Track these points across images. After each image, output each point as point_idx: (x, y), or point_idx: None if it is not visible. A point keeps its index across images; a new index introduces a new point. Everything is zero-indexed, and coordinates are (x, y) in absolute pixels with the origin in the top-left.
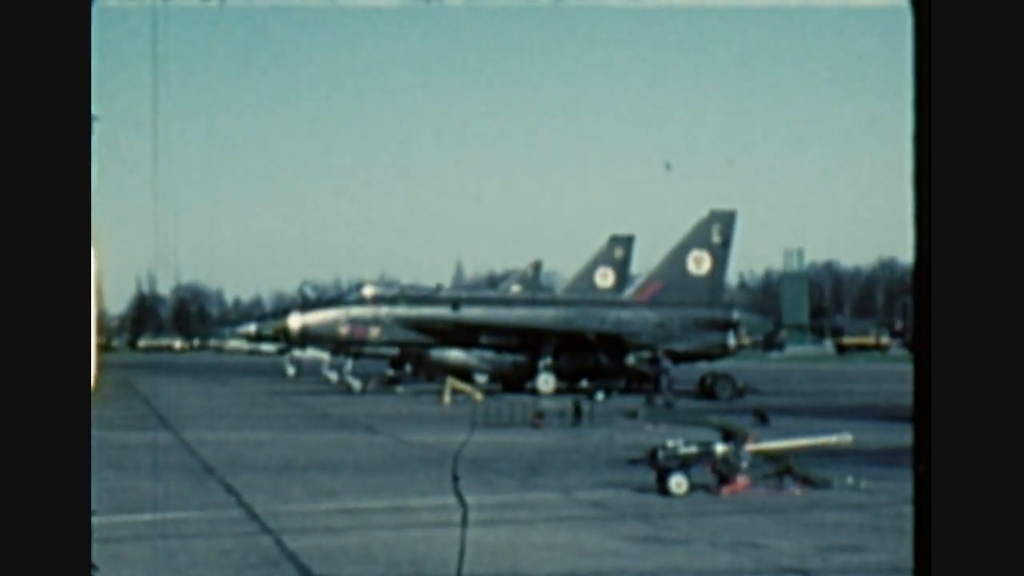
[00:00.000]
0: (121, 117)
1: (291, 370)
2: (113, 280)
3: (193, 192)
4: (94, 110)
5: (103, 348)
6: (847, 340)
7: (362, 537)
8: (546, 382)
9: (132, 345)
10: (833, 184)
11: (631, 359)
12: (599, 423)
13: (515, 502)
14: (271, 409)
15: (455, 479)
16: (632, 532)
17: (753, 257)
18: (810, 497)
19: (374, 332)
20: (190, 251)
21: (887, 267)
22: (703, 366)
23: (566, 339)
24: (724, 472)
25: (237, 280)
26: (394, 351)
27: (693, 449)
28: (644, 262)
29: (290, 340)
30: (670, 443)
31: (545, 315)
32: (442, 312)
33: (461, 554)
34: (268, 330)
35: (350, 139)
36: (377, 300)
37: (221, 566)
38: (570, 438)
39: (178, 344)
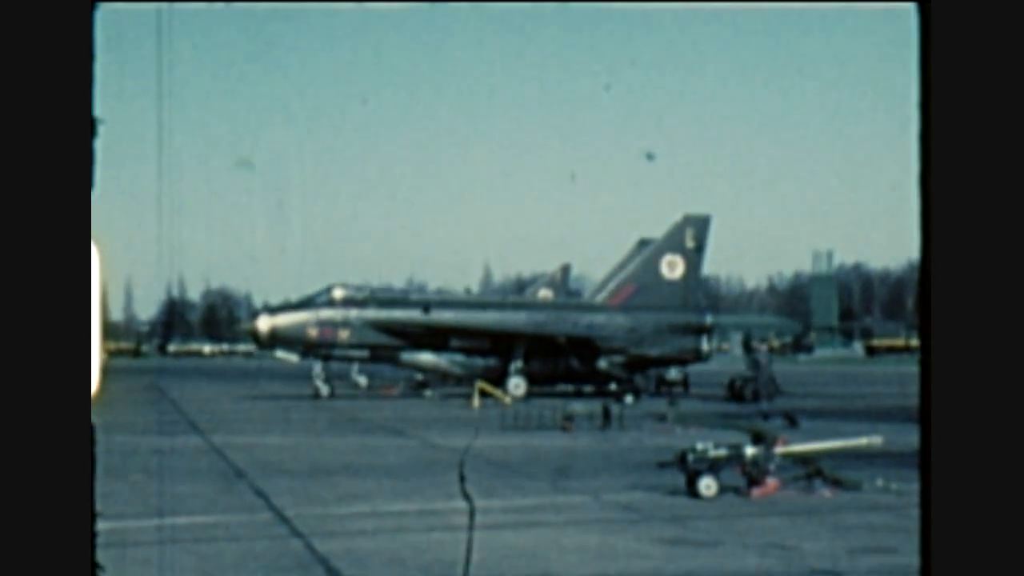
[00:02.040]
0: (133, 123)
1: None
2: (143, 286)
3: (221, 198)
4: (100, 114)
5: (134, 353)
6: (877, 342)
7: (392, 540)
8: (517, 386)
9: (162, 350)
10: (862, 185)
11: (604, 363)
12: (628, 426)
13: (545, 505)
14: (300, 413)
15: (462, 479)
16: (662, 534)
17: (782, 259)
18: (840, 499)
19: (344, 335)
20: (220, 256)
21: (917, 269)
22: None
23: (537, 343)
24: (754, 474)
25: (266, 285)
26: (364, 353)
27: (723, 452)
28: None
29: (259, 342)
30: (699, 446)
31: (516, 319)
32: (412, 315)
33: (468, 552)
34: None
35: (375, 143)
36: (347, 302)
37: (251, 569)
38: (599, 441)
39: (207, 349)
